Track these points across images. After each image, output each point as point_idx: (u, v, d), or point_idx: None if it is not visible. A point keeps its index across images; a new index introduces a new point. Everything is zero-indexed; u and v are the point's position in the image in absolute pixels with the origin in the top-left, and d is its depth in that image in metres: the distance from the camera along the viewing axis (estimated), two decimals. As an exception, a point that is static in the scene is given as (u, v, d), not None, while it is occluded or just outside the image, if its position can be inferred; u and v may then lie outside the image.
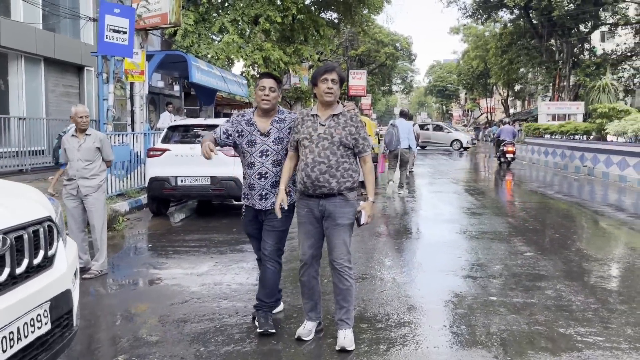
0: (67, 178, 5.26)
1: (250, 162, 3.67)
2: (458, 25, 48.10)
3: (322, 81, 3.44)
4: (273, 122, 3.69)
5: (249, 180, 3.70)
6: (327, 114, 3.49)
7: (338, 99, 3.53)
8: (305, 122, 3.54)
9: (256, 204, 3.69)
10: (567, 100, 30.52)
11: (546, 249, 6.29)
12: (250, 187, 3.69)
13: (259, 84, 3.65)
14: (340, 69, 3.55)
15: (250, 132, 3.68)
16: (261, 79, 3.67)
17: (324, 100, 3.45)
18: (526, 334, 3.67)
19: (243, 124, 3.71)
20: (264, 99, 3.61)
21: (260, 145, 3.65)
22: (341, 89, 3.52)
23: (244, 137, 3.69)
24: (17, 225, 2.22)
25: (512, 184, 14.53)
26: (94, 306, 4.42)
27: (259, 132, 3.66)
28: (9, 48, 13.60)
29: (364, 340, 3.58)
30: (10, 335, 2.06)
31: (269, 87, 3.60)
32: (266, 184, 3.66)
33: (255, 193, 3.67)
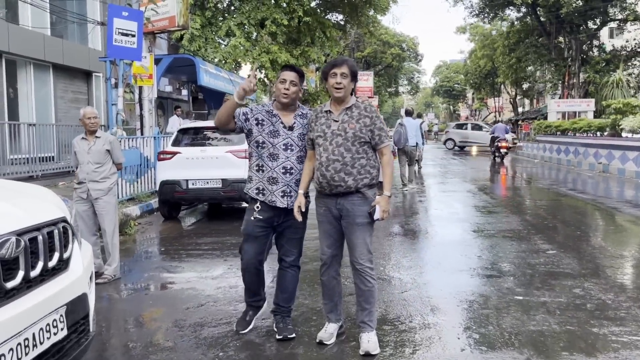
0: (78, 181, 5.18)
1: (273, 154, 3.41)
2: (465, 25, 47.85)
3: (331, 75, 3.30)
4: (296, 117, 3.50)
5: (269, 174, 3.41)
6: (340, 109, 3.35)
7: (351, 93, 3.38)
8: (319, 119, 3.41)
9: (277, 201, 3.40)
10: (577, 98, 30.21)
11: (568, 247, 6.12)
12: (272, 181, 3.40)
13: (280, 76, 3.44)
14: (351, 62, 3.38)
15: (272, 123, 3.44)
16: (283, 71, 3.47)
17: (334, 95, 3.33)
18: (558, 334, 3.52)
19: (263, 113, 3.46)
20: (283, 93, 3.40)
21: (284, 137, 3.43)
22: (354, 83, 3.35)
23: (264, 126, 3.43)
24: (31, 227, 2.11)
25: (526, 180, 14.34)
26: (108, 311, 4.32)
27: (282, 125, 3.45)
28: (17, 55, 13.61)
29: (388, 343, 3.45)
30: (25, 342, 1.96)
31: (289, 80, 3.40)
32: (291, 180, 3.42)
33: (278, 189, 3.40)
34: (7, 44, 12.99)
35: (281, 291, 3.64)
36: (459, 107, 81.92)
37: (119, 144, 5.39)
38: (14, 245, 1.96)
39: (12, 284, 1.97)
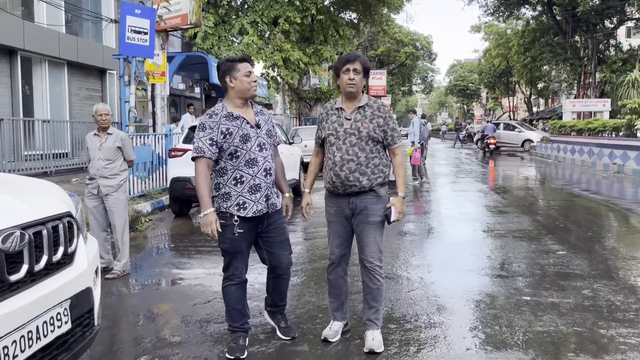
0: (89, 177, 5.23)
1: (251, 159, 3.15)
2: (479, 24, 47.47)
3: (344, 72, 3.25)
4: (257, 114, 3.28)
5: (251, 182, 3.15)
6: (352, 106, 3.31)
7: (363, 90, 3.36)
8: (330, 116, 3.37)
9: (263, 208, 3.19)
10: (593, 98, 29.83)
11: (579, 248, 6.05)
12: (256, 189, 3.15)
13: (241, 70, 3.16)
14: (364, 58, 3.32)
15: (239, 127, 3.15)
16: (242, 63, 3.18)
17: (347, 91, 3.28)
18: (564, 335, 3.49)
19: (224, 122, 3.13)
20: (253, 86, 3.20)
21: (255, 138, 3.18)
22: (366, 79, 3.32)
23: (233, 134, 3.12)
24: (35, 221, 2.14)
25: (539, 181, 14.20)
26: (117, 306, 4.36)
27: (249, 125, 3.19)
28: (33, 52, 13.78)
29: (393, 341, 3.44)
30: (29, 334, 1.98)
31: (252, 70, 3.23)
32: (271, 181, 3.25)
33: (262, 195, 3.18)
34: (22, 42, 13.16)
35: (277, 294, 3.54)
36: (473, 107, 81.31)
37: (130, 141, 5.44)
38: (18, 238, 1.99)
39: (16, 277, 2.00)
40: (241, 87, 3.18)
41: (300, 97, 29.47)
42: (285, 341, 3.47)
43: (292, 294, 4.47)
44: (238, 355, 3.22)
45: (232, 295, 3.31)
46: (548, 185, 13.59)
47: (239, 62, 3.20)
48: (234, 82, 3.18)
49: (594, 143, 18.24)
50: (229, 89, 3.21)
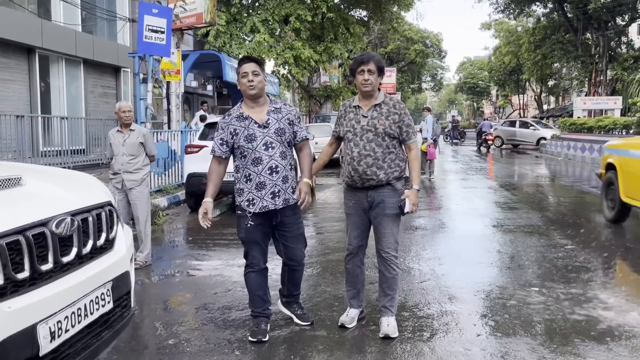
0: (113, 172, 5.44)
1: (257, 158, 3.31)
2: (489, 21, 47.37)
3: (359, 72, 3.43)
4: (269, 113, 3.39)
5: (257, 179, 3.32)
6: (368, 104, 3.48)
7: (379, 87, 3.53)
8: (348, 114, 3.56)
9: (269, 205, 3.33)
10: (604, 95, 29.72)
11: (587, 242, 6.18)
12: (260, 186, 3.32)
13: (239, 71, 3.33)
14: (378, 58, 3.49)
15: (245, 127, 3.33)
16: (241, 65, 3.35)
17: (362, 90, 3.45)
18: (571, 323, 3.65)
19: (234, 122, 3.36)
20: (249, 85, 3.31)
21: (261, 137, 3.32)
22: (381, 77, 3.49)
23: (239, 134, 3.32)
24: (82, 208, 2.34)
25: (549, 178, 14.27)
26: (141, 295, 4.55)
27: (257, 124, 3.33)
28: (50, 50, 14.06)
29: (407, 327, 3.62)
30: (78, 311, 2.18)
31: (251, 71, 3.32)
32: (277, 179, 3.34)
33: (267, 192, 3.33)
34: (40, 40, 13.44)
35: (292, 285, 3.71)
36: (482, 104, 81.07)
37: (152, 136, 5.65)
38: (69, 224, 2.18)
39: (67, 259, 2.20)
40: (241, 87, 3.39)
41: (310, 94, 29.63)
42: (304, 327, 3.65)
43: (308, 284, 4.67)
44: (260, 337, 3.42)
45: (253, 282, 3.54)
46: (558, 182, 13.66)
47: (240, 64, 3.41)
48: (239, 84, 3.41)
49: (604, 141, 18.22)
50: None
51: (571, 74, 41.37)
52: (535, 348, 3.25)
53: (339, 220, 7.74)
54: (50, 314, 2.02)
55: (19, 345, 1.87)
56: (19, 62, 13.35)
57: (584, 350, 3.22)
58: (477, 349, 3.27)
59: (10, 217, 1.98)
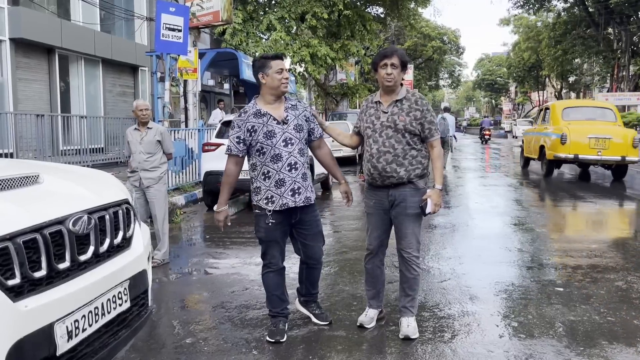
0: (130, 170, 5.45)
1: (276, 155, 3.28)
2: (508, 16, 46.79)
3: (382, 67, 3.32)
4: (287, 109, 3.37)
5: (276, 177, 3.28)
6: (389, 100, 3.38)
7: (401, 83, 3.44)
8: (369, 109, 3.47)
9: (289, 202, 3.29)
10: (627, 91, 29.14)
11: (612, 242, 6.04)
12: (280, 183, 3.28)
13: (272, 67, 3.27)
14: (401, 52, 3.38)
15: (264, 124, 3.28)
16: (274, 60, 3.31)
17: (384, 85, 3.35)
18: (598, 325, 3.54)
19: (251, 119, 3.30)
20: (284, 83, 3.30)
21: (280, 134, 3.28)
22: (404, 72, 3.40)
23: (257, 131, 3.27)
24: (99, 206, 2.32)
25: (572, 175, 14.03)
26: (158, 293, 4.55)
27: (275, 121, 3.30)
28: (70, 50, 14.22)
29: (427, 328, 3.54)
30: (95, 310, 2.16)
31: (285, 68, 3.33)
32: (297, 175, 3.30)
33: (287, 189, 3.28)
34: (60, 40, 13.59)
35: (310, 283, 3.67)
36: (501, 101, 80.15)
37: (169, 135, 5.64)
38: (85, 222, 2.16)
39: (84, 257, 2.17)
40: (272, 83, 3.31)
41: (326, 92, 29.56)
42: (322, 326, 3.60)
43: (326, 283, 4.62)
44: (278, 338, 3.37)
45: (271, 282, 3.50)
46: (579, 179, 13.41)
47: (272, 59, 3.32)
48: (265, 79, 3.31)
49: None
50: (262, 85, 3.36)
51: (593, 69, 40.67)
52: (561, 350, 3.16)
53: (356, 219, 7.68)
54: (67, 313, 2.00)
55: (35, 345, 1.85)
56: (40, 61, 13.52)
57: (611, 353, 3.12)
58: (500, 351, 3.18)
59: (27, 215, 1.96)
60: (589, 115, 12.71)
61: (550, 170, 12.65)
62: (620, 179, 12.06)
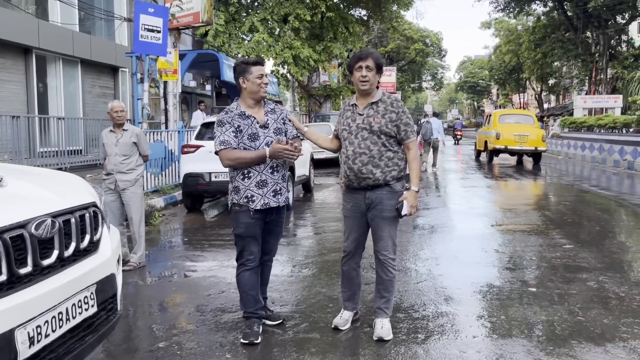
0: (106, 172, 5.39)
1: None
2: (490, 20, 47.34)
3: (357, 69, 3.33)
4: (267, 113, 3.46)
5: (258, 177, 3.35)
6: (365, 102, 3.39)
7: (377, 86, 3.43)
8: (346, 112, 3.49)
9: (271, 202, 3.38)
10: (604, 94, 29.64)
11: (586, 242, 6.13)
12: (262, 184, 3.35)
13: (254, 73, 3.35)
14: (376, 55, 3.40)
15: (249, 125, 3.37)
16: (256, 66, 3.37)
17: (359, 88, 3.36)
18: (568, 324, 3.59)
19: (237, 119, 3.37)
20: (264, 88, 3.39)
21: (263, 137, 3.37)
22: (379, 75, 3.41)
23: (243, 132, 3.35)
24: (64, 210, 2.28)
25: (549, 177, 14.22)
26: (134, 296, 4.51)
27: (258, 124, 3.39)
28: (47, 50, 14.00)
29: (402, 329, 3.56)
30: (59, 315, 2.12)
31: (266, 74, 3.43)
32: (278, 177, 3.42)
33: (269, 189, 3.37)
34: (37, 40, 13.37)
35: (262, 283, 3.68)
36: (483, 103, 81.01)
37: (145, 136, 5.59)
38: (49, 226, 2.12)
39: (48, 262, 2.14)
40: (252, 88, 3.38)
41: (310, 94, 29.57)
42: (296, 329, 3.59)
43: (303, 285, 4.62)
44: (252, 340, 3.36)
45: (247, 281, 3.48)
46: (557, 181, 13.60)
47: (253, 65, 3.39)
48: (246, 84, 3.39)
49: (604, 139, 18.19)
50: (242, 89, 3.43)
51: (571, 72, 41.29)
52: (531, 350, 3.19)
53: (337, 220, 7.69)
54: (29, 318, 1.96)
55: (-5, 351, 1.81)
56: (16, 62, 13.28)
57: (580, 352, 3.16)
58: (473, 351, 3.21)
59: (-13, 219, 1.92)
60: (516, 120, 17.97)
61: (491, 158, 17.99)
62: (537, 162, 17.31)
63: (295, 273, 4.99)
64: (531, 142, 16.53)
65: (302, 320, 3.77)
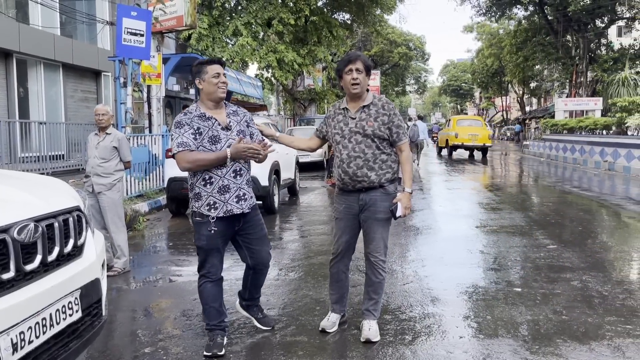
0: (85, 174, 5.33)
1: None
2: (472, 24, 47.91)
3: (347, 72, 3.32)
4: (229, 115, 3.29)
5: (220, 183, 3.16)
6: (356, 106, 3.39)
7: (367, 89, 3.43)
8: (337, 116, 3.47)
9: (234, 208, 3.20)
10: (585, 96, 30.11)
11: (569, 242, 6.20)
12: (224, 189, 3.17)
13: (209, 72, 3.18)
14: (365, 57, 3.39)
15: (209, 127, 3.17)
16: (211, 65, 3.21)
17: (351, 92, 3.35)
18: (553, 324, 3.62)
19: (197, 120, 3.17)
20: (222, 88, 3.22)
21: (225, 140, 3.18)
22: (368, 77, 3.40)
23: (202, 134, 3.15)
24: (48, 214, 2.25)
25: (531, 178, 14.38)
26: (118, 302, 4.45)
27: (220, 126, 3.20)
28: (28, 54, 13.81)
29: (389, 331, 3.56)
30: (43, 321, 2.09)
31: (223, 72, 3.24)
32: (242, 182, 3.24)
33: (232, 195, 3.19)
34: (17, 44, 13.19)
35: (254, 288, 3.58)
36: (466, 106, 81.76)
37: (127, 142, 5.52)
38: (32, 230, 2.09)
39: (31, 266, 2.10)
40: (208, 89, 3.20)
41: (294, 97, 29.59)
42: (283, 333, 3.58)
43: (289, 288, 4.60)
44: (215, 352, 3.23)
45: (209, 293, 3.33)
46: (540, 182, 13.76)
47: (208, 64, 3.24)
48: (202, 84, 3.22)
49: (585, 141, 18.47)
50: (200, 90, 3.26)
51: (552, 75, 41.89)
52: (517, 350, 3.22)
53: (323, 224, 7.69)
54: (12, 324, 1.92)
55: (-23, 359, 1.78)
56: (-4, 66, 13.09)
57: (566, 350, 3.19)
58: (460, 352, 3.22)
59: (-32, 224, 1.88)
60: (469, 123, 23.59)
61: (451, 153, 23.76)
62: (484, 155, 22.73)
63: (282, 276, 4.97)
64: (480, 140, 21.97)
65: (289, 323, 3.75)
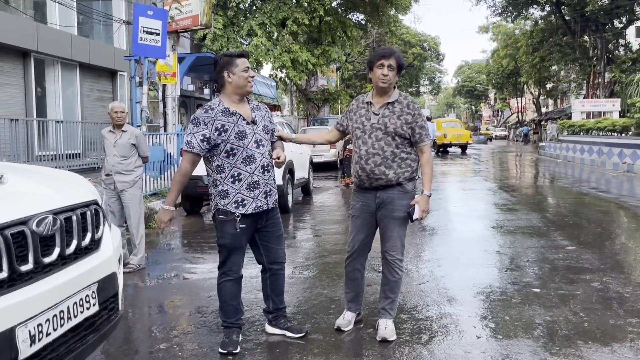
0: (105, 173, 5.35)
1: (249, 156, 3.12)
2: (487, 24, 47.45)
3: (378, 66, 3.26)
4: (253, 110, 3.25)
5: (249, 179, 3.12)
6: (381, 101, 3.32)
7: (395, 86, 3.37)
8: (359, 109, 3.41)
9: (263, 204, 3.18)
10: (602, 97, 29.72)
11: (588, 243, 6.10)
12: (254, 185, 3.14)
13: (240, 65, 3.13)
14: (399, 55, 3.32)
15: (234, 123, 3.11)
16: (240, 58, 3.16)
17: (379, 86, 3.29)
18: (573, 325, 3.55)
19: (220, 117, 3.11)
20: (250, 81, 3.18)
21: (251, 135, 3.14)
22: (399, 75, 3.33)
23: (228, 131, 3.09)
24: (66, 207, 2.24)
25: (549, 179, 14.21)
26: (134, 298, 4.47)
27: (245, 121, 3.16)
28: (46, 54, 13.97)
29: (405, 330, 3.52)
30: (60, 313, 2.08)
31: (247, 66, 3.19)
32: (269, 178, 3.21)
33: (260, 192, 3.16)
34: (35, 44, 13.35)
35: (276, 295, 3.49)
36: (481, 108, 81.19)
37: (144, 138, 5.55)
38: (50, 223, 2.09)
39: (49, 259, 2.10)
40: (238, 82, 3.14)
41: (308, 98, 29.59)
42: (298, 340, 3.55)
43: (304, 286, 4.58)
44: (231, 349, 3.21)
45: (229, 291, 3.31)
46: (557, 184, 13.60)
47: (237, 57, 3.17)
48: (231, 77, 3.15)
49: (603, 142, 18.21)
50: (226, 84, 3.18)
51: (569, 76, 41.42)
52: (536, 351, 3.16)
53: (337, 223, 7.66)
54: (30, 316, 1.92)
55: (-5, 350, 1.77)
56: (15, 65, 13.24)
57: (587, 352, 3.13)
58: (478, 352, 3.17)
59: (-13, 216, 1.88)
60: (452, 125, 29.44)
61: (439, 151, 27.83)
62: (464, 151, 28.91)
63: (296, 275, 4.95)
64: (463, 138, 28.05)
65: (304, 321, 3.73)
